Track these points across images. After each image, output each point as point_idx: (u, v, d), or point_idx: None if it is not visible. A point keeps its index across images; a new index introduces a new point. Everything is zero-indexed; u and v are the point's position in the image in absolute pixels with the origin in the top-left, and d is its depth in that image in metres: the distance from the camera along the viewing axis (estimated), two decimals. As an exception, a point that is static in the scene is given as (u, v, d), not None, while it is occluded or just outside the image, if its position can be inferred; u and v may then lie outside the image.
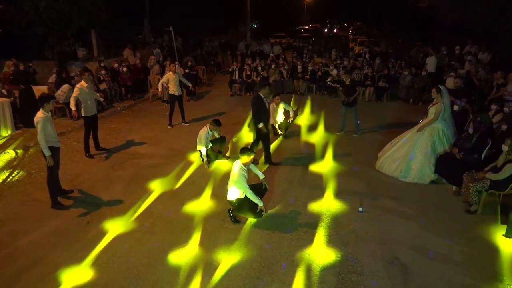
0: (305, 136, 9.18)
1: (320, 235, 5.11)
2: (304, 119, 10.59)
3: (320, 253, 4.74)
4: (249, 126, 8.76)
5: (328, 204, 5.92)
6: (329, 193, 6.27)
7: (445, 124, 6.68)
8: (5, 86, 9.65)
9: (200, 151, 7.43)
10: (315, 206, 5.86)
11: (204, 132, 7.29)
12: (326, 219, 5.51)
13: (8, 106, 9.04)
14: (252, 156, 5.20)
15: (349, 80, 9.06)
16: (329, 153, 8.01)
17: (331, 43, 24.19)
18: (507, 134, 6.49)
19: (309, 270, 4.43)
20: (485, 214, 5.55)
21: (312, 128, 9.78)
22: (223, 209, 5.62)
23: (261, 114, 7.02)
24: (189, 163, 7.57)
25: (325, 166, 7.38)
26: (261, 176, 5.47)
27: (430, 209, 5.76)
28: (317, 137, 9.12)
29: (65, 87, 10.15)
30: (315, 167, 7.30)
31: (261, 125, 6.96)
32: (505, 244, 4.92)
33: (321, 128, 9.71)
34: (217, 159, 7.50)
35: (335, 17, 59.18)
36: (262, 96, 6.97)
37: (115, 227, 5.34)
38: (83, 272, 4.43)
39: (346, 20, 60.03)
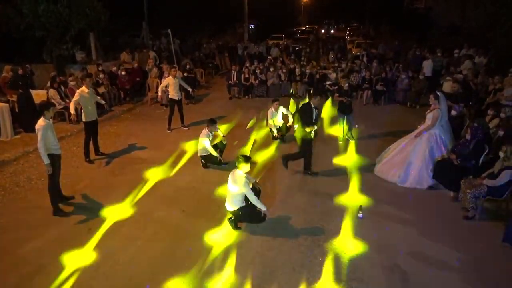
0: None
1: (320, 242, 5.16)
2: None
3: (320, 260, 4.79)
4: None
5: (327, 210, 5.98)
6: (328, 198, 6.33)
7: (442, 129, 6.77)
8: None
9: (200, 156, 7.47)
10: (314, 212, 5.92)
11: (205, 135, 7.31)
12: (326, 225, 5.56)
13: (7, 111, 9.03)
14: (249, 164, 5.23)
15: (347, 84, 9.19)
16: (328, 158, 8.07)
17: (329, 45, 24.19)
18: (504, 139, 6.57)
19: (309, 277, 4.48)
20: (482, 220, 5.62)
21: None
22: (224, 215, 5.66)
23: (305, 120, 6.90)
24: (190, 169, 7.59)
25: (324, 171, 7.43)
26: (252, 180, 5.55)
27: (428, 215, 5.83)
28: (316, 141, 9.15)
29: (51, 91, 10.21)
30: (314, 173, 7.33)
31: (308, 129, 6.84)
32: (503, 250, 4.99)
33: (319, 132, 9.74)
34: (216, 164, 7.52)
35: (332, 18, 59.13)
36: (313, 106, 6.91)
37: (116, 234, 5.37)
38: (85, 280, 4.46)
39: (343, 21, 60.02)
